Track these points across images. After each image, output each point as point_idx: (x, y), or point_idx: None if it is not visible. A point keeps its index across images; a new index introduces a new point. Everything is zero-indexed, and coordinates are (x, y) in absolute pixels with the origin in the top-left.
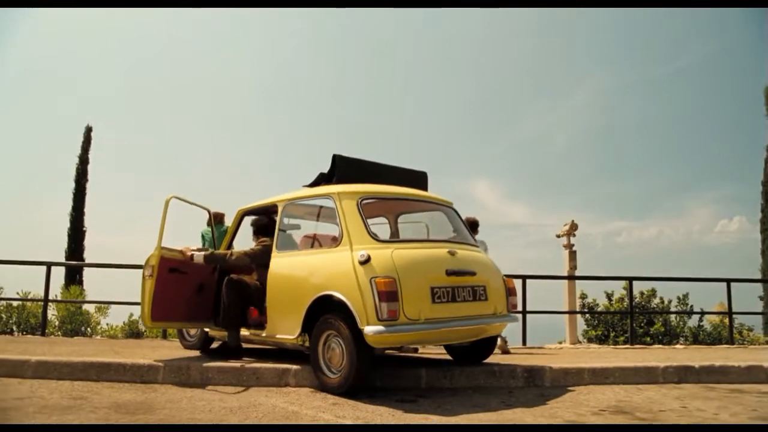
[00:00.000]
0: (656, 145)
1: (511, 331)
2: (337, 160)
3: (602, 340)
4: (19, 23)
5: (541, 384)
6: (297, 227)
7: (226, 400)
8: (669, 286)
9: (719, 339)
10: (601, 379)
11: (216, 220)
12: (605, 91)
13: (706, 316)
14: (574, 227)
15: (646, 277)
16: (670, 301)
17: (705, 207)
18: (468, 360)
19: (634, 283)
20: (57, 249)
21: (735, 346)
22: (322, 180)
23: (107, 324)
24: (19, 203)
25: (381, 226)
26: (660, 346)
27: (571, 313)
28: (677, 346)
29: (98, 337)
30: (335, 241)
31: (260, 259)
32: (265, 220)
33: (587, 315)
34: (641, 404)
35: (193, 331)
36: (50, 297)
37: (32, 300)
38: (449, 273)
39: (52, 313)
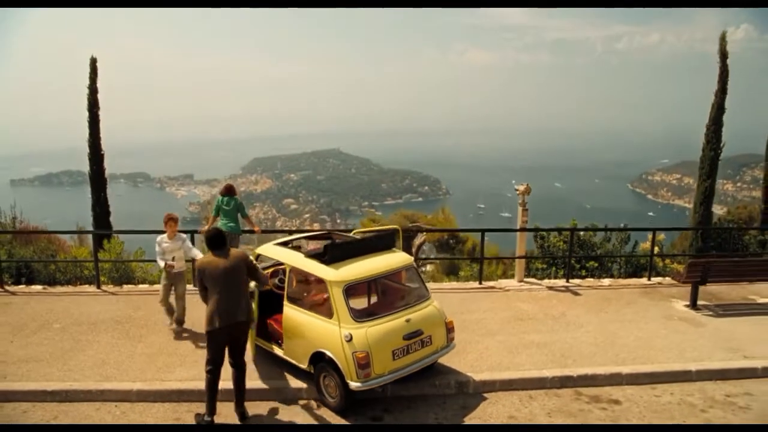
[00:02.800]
0: None
1: None
2: (327, 246)
3: (545, 270)
4: None
5: (467, 392)
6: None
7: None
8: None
9: (646, 268)
10: (507, 387)
11: (228, 192)
12: None
13: (640, 243)
14: (528, 190)
15: (586, 228)
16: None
17: (711, 12)
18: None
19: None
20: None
21: (651, 281)
22: (319, 255)
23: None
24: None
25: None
26: (591, 280)
27: (520, 258)
28: (603, 281)
29: (142, 285)
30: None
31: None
32: (211, 234)
33: (537, 251)
34: (522, 418)
35: None
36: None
37: (85, 261)
38: (405, 338)
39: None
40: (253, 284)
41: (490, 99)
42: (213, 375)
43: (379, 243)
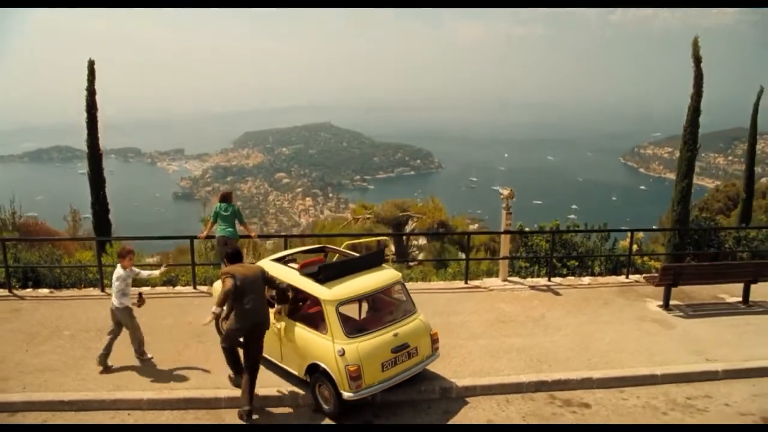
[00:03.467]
0: None
1: None
2: (321, 267)
3: (528, 268)
4: None
5: (449, 396)
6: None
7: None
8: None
9: (624, 264)
10: (487, 392)
11: (225, 199)
12: None
13: (620, 241)
14: (511, 195)
15: (567, 230)
16: (592, 228)
17: None
18: None
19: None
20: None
21: (629, 279)
22: (313, 274)
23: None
24: None
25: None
26: (572, 278)
27: (504, 258)
28: (584, 279)
29: (144, 288)
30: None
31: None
32: (232, 251)
33: (521, 248)
34: (499, 422)
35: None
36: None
37: (89, 265)
38: (393, 351)
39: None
40: None
41: (483, 73)
42: (234, 357)
43: (370, 261)
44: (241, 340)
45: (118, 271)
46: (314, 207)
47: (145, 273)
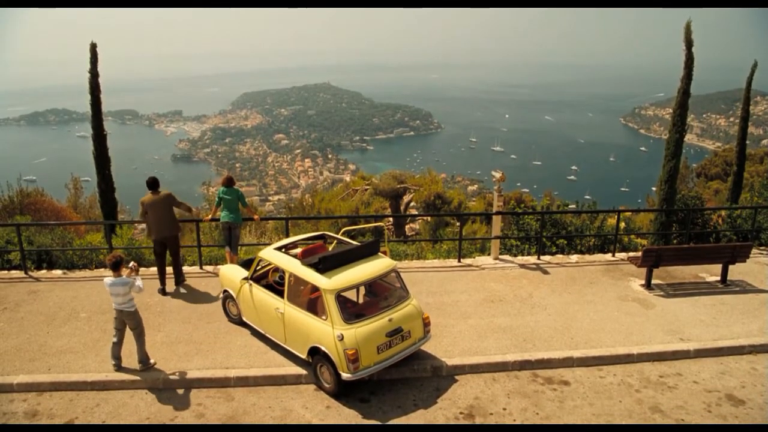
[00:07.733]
0: None
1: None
2: (321, 258)
3: (518, 246)
4: None
5: (440, 374)
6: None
7: (272, 405)
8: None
9: (612, 241)
10: (475, 370)
11: (228, 183)
12: None
13: (607, 220)
14: (503, 178)
15: (556, 211)
16: (582, 206)
17: None
18: None
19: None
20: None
21: (615, 258)
22: (315, 265)
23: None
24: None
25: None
26: (560, 256)
27: (495, 238)
28: (572, 257)
29: (152, 268)
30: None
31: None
32: (150, 179)
33: (513, 227)
34: (485, 399)
35: (234, 310)
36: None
37: (100, 248)
38: (387, 335)
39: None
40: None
41: (480, 32)
42: (158, 261)
43: (366, 250)
44: None
45: (122, 280)
46: (313, 168)
47: (139, 282)
